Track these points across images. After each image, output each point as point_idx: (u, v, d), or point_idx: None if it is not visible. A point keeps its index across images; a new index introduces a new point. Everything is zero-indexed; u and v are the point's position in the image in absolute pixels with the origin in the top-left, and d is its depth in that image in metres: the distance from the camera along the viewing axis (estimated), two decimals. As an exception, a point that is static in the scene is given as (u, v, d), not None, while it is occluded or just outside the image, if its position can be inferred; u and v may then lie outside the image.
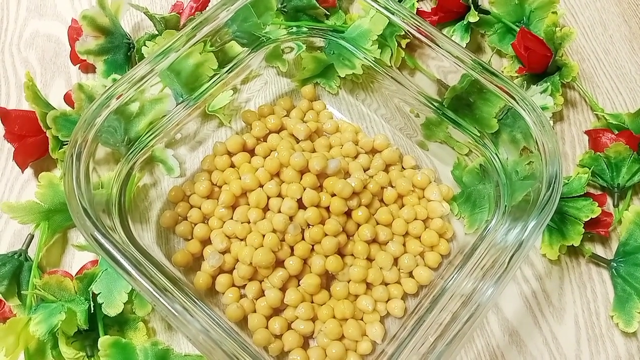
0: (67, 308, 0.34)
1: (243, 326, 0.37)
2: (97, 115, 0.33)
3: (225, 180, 0.40)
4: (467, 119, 0.39)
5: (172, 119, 0.40)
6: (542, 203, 0.32)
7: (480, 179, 0.40)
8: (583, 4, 0.53)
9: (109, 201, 0.35)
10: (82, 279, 0.36)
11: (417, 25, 0.37)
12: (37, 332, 0.33)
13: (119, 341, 0.34)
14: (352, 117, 0.46)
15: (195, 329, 0.29)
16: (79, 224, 0.30)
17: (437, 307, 0.33)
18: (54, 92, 0.47)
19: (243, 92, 0.45)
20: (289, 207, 0.37)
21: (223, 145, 0.42)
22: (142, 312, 0.37)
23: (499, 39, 0.49)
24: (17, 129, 0.40)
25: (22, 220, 0.38)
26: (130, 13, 0.51)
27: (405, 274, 0.39)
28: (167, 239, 0.40)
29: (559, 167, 0.33)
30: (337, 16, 0.47)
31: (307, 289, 0.37)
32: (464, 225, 0.40)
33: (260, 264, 0.36)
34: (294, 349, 0.36)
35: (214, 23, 0.37)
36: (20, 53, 0.49)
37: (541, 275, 0.40)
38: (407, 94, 0.42)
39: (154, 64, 0.35)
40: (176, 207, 0.40)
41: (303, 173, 0.38)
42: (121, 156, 0.37)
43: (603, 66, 0.49)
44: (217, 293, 0.38)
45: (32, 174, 0.43)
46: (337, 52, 0.43)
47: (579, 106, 0.47)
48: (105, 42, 0.44)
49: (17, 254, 0.39)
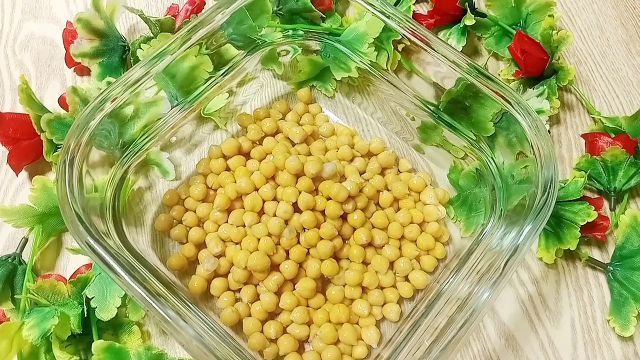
0: (61, 312, 0.34)
1: (238, 330, 0.37)
2: (91, 119, 0.33)
3: (220, 183, 0.40)
4: (462, 123, 0.39)
5: (167, 122, 0.40)
6: (538, 207, 0.32)
7: (476, 182, 0.40)
8: (580, 7, 0.53)
9: (103, 205, 0.35)
10: (75, 282, 0.36)
11: (412, 29, 0.37)
12: (30, 336, 0.33)
13: (113, 345, 0.34)
14: (348, 121, 0.45)
15: (189, 335, 0.29)
16: (72, 230, 0.30)
17: (432, 311, 0.33)
18: (48, 94, 0.47)
19: (239, 95, 0.45)
20: (285, 210, 0.37)
21: (218, 149, 0.42)
22: (136, 316, 0.36)
23: (495, 42, 0.48)
24: (12, 132, 0.40)
25: (16, 224, 0.38)
26: (125, 16, 0.50)
27: (401, 277, 0.38)
28: (162, 242, 0.40)
29: (554, 171, 0.33)
30: (333, 19, 0.47)
31: (303, 292, 0.37)
32: (460, 229, 0.40)
33: (256, 267, 0.36)
34: (289, 353, 0.36)
35: (210, 26, 0.37)
36: (15, 55, 0.49)
37: (537, 279, 0.40)
38: (403, 97, 0.42)
39: (149, 67, 0.35)
40: (171, 210, 0.40)
41: (298, 176, 0.38)
42: (116, 159, 0.37)
43: (600, 69, 0.49)
44: (212, 297, 0.38)
45: (26, 177, 0.43)
46: (333, 55, 0.43)
47: (575, 109, 0.47)
48: (100, 44, 0.44)
49: (11, 257, 0.39)
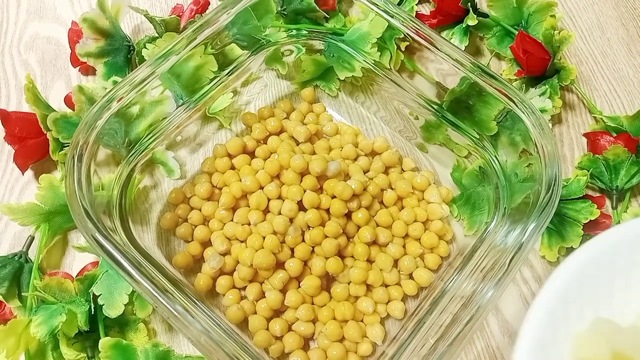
0: (68, 309, 0.34)
1: (243, 328, 0.37)
2: (99, 118, 0.34)
3: (225, 182, 0.40)
4: (466, 122, 0.39)
5: (172, 121, 0.40)
6: (541, 205, 0.32)
7: (479, 181, 0.40)
8: (581, 8, 0.53)
9: (110, 203, 0.36)
10: (82, 280, 0.36)
11: (416, 28, 0.38)
12: (37, 333, 0.33)
13: (120, 342, 0.34)
14: (351, 120, 0.46)
15: (197, 330, 0.29)
16: (80, 225, 0.31)
17: (437, 308, 0.33)
18: (54, 94, 0.47)
19: (243, 94, 0.45)
20: (289, 209, 0.37)
21: (223, 148, 0.42)
22: (143, 313, 0.37)
23: (497, 42, 0.49)
24: (18, 131, 0.40)
25: (23, 222, 0.38)
26: (130, 15, 0.51)
27: (405, 275, 0.39)
28: (167, 240, 0.40)
29: (558, 169, 0.33)
30: (337, 19, 0.47)
31: (308, 290, 0.37)
32: (464, 227, 0.41)
33: (261, 265, 0.36)
34: (294, 350, 0.36)
35: (215, 26, 0.37)
36: (20, 55, 0.49)
37: (540, 277, 0.41)
38: (406, 96, 0.42)
39: (154, 67, 0.36)
40: (176, 209, 0.41)
41: (303, 175, 0.39)
42: (122, 158, 0.37)
43: (601, 69, 0.50)
44: (217, 295, 0.38)
45: (32, 176, 0.43)
46: (337, 55, 0.44)
47: (577, 109, 0.48)
48: (105, 44, 0.44)
49: (18, 255, 0.39)
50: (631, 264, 0.24)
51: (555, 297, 0.24)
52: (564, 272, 0.24)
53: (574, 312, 0.24)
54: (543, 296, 0.24)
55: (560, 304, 0.24)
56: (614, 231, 0.25)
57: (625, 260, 0.24)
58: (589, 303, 0.24)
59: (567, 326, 0.23)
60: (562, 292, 0.24)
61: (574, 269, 0.24)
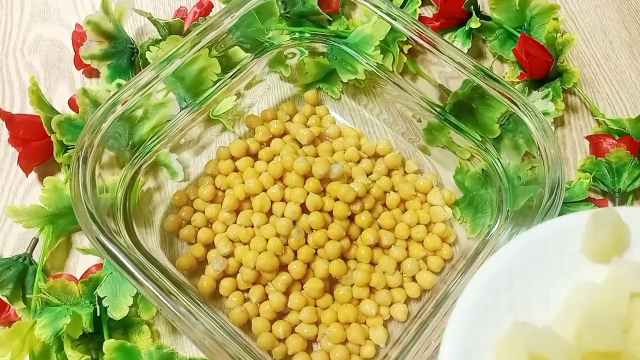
0: (72, 311, 0.35)
1: (247, 330, 0.37)
2: (103, 121, 0.34)
3: (229, 184, 0.40)
4: (469, 124, 0.40)
5: (176, 124, 0.40)
6: (544, 208, 0.32)
7: (482, 183, 0.40)
8: (584, 10, 0.53)
9: (114, 205, 0.36)
10: (87, 282, 0.36)
11: (419, 31, 0.38)
12: (42, 335, 0.33)
13: (124, 345, 0.34)
14: (354, 122, 0.46)
15: (201, 332, 0.29)
16: (84, 227, 0.31)
17: (440, 311, 0.33)
18: (57, 96, 0.47)
19: (246, 97, 0.46)
20: (293, 211, 0.37)
21: (227, 150, 0.42)
22: (147, 315, 0.37)
23: (500, 44, 0.49)
24: (22, 133, 0.41)
25: (27, 224, 0.38)
26: (133, 18, 0.51)
27: (408, 278, 0.39)
28: (171, 243, 0.41)
29: (561, 172, 0.33)
30: (340, 22, 0.47)
31: (311, 293, 0.37)
32: (467, 230, 0.41)
33: (264, 268, 0.36)
34: (297, 352, 0.36)
35: (219, 29, 0.38)
36: (24, 58, 0.49)
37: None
38: (409, 99, 0.42)
39: (158, 70, 0.36)
40: (180, 211, 0.41)
41: (306, 178, 0.39)
42: (126, 161, 0.37)
43: (604, 72, 0.50)
44: (221, 297, 0.38)
45: (36, 178, 0.44)
46: (340, 58, 0.44)
47: (579, 111, 0.48)
48: (109, 47, 0.44)
49: (22, 257, 0.39)
50: (542, 267, 0.25)
51: (472, 306, 0.24)
52: (477, 283, 0.25)
53: (493, 319, 0.24)
54: (459, 307, 0.24)
55: (476, 312, 0.24)
56: (524, 236, 0.26)
57: (537, 264, 0.25)
58: (506, 309, 0.24)
59: (488, 333, 0.23)
60: (477, 301, 0.24)
61: (486, 277, 0.25)
